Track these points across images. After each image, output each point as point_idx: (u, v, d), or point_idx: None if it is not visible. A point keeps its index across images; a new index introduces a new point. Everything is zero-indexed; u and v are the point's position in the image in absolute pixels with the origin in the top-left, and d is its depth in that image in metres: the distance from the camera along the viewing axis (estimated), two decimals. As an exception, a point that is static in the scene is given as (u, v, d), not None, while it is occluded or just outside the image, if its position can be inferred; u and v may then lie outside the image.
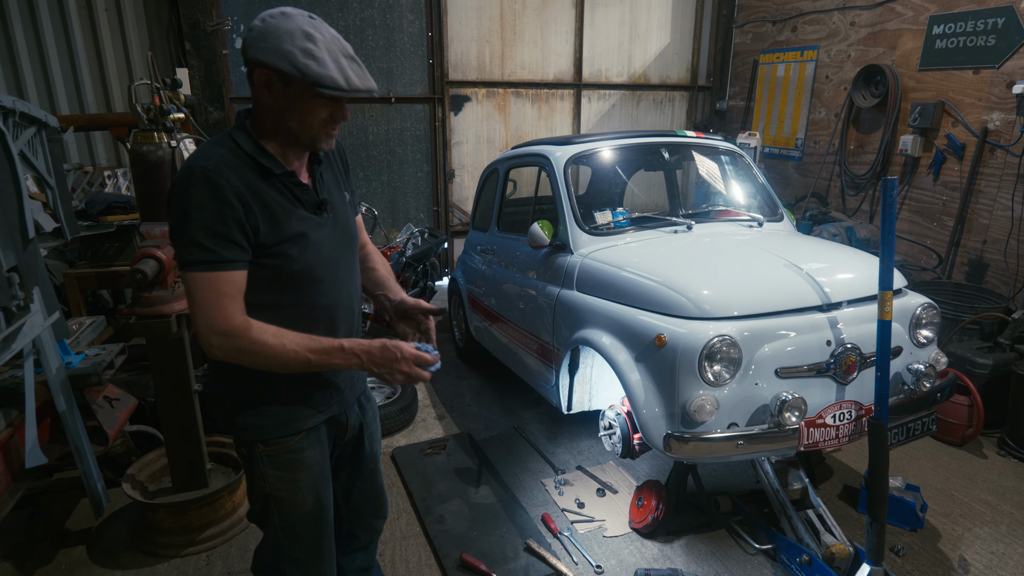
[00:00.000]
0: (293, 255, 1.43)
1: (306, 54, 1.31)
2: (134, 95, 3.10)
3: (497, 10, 6.11)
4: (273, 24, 1.33)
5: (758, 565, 2.57)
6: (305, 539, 1.63)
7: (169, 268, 2.44)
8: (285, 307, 1.47)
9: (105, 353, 2.68)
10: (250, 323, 1.36)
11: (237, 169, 1.36)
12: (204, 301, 1.32)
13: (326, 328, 1.53)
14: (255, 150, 1.40)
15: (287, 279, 1.46)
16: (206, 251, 1.31)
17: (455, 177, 6.44)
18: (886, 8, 5.02)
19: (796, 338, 2.37)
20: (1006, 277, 4.26)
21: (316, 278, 1.50)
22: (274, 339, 1.36)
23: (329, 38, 1.36)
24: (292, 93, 1.36)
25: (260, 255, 1.40)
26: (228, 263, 1.34)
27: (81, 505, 2.95)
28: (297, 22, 1.33)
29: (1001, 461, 3.38)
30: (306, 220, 1.46)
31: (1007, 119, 4.21)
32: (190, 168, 1.33)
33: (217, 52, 5.13)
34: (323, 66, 1.32)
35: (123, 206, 3.76)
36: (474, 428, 3.74)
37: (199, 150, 1.38)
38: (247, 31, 1.37)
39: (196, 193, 1.31)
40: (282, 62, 1.31)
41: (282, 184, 1.43)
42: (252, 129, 1.43)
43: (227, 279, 1.34)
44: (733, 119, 6.91)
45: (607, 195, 4.21)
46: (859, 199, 5.42)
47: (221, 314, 1.33)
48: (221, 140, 1.41)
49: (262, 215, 1.38)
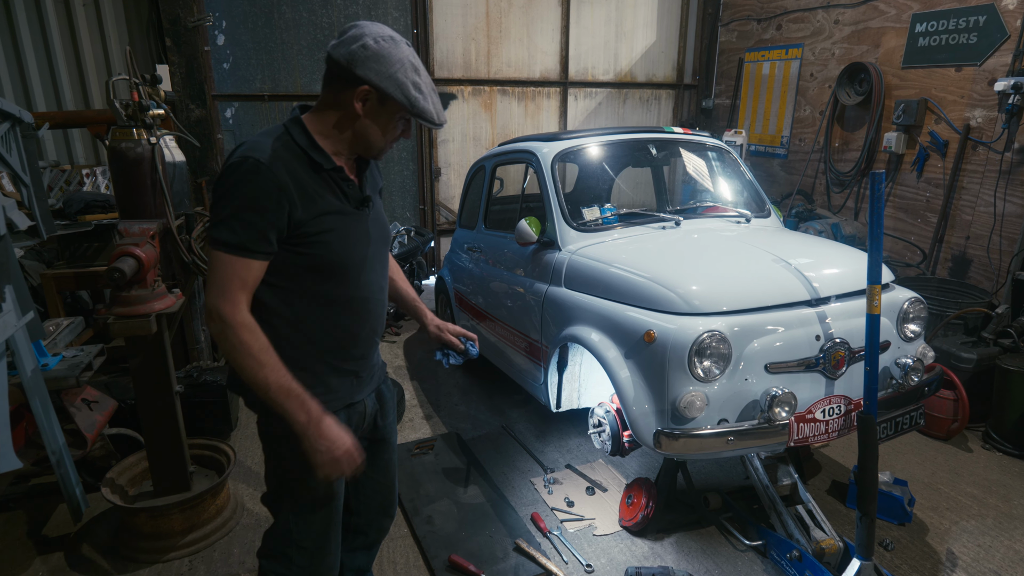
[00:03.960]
0: (332, 244, 1.53)
1: (415, 87, 1.48)
2: (112, 91, 3.04)
3: (483, 7, 6.08)
4: (386, 50, 1.46)
5: (748, 561, 2.56)
6: (315, 526, 1.67)
7: (149, 266, 2.38)
8: (324, 295, 1.57)
9: (83, 355, 2.62)
10: (249, 324, 1.44)
11: (288, 162, 1.46)
12: (218, 280, 1.43)
13: (358, 318, 1.64)
14: (308, 145, 1.51)
15: (328, 267, 1.55)
16: (237, 236, 1.42)
17: (441, 175, 6.40)
18: (869, 6, 5.06)
19: (785, 333, 2.37)
20: (989, 272, 4.31)
21: (354, 269, 1.60)
22: (257, 351, 1.43)
23: (424, 72, 1.53)
24: (384, 111, 1.51)
25: (300, 243, 1.49)
26: (251, 252, 1.44)
27: (59, 511, 2.88)
28: (404, 52, 1.49)
29: (986, 455, 3.41)
30: (348, 214, 1.57)
31: (989, 116, 4.25)
32: (244, 157, 1.43)
33: (199, 48, 5.05)
34: (425, 100, 1.50)
35: (102, 205, 3.69)
36: (462, 427, 3.71)
37: (255, 140, 1.47)
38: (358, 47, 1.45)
39: (244, 182, 1.42)
40: (394, 89, 1.46)
41: (330, 178, 1.54)
42: (309, 126, 1.54)
43: (247, 266, 1.44)
44: (719, 117, 6.94)
45: (595, 191, 4.19)
46: (844, 196, 5.45)
47: (229, 298, 1.42)
48: (275, 132, 1.51)
49: (304, 206, 1.48)
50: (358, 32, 1.47)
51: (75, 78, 4.97)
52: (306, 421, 1.44)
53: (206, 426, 3.36)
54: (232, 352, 1.43)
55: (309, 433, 1.45)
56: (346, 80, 1.48)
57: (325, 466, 1.47)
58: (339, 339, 1.62)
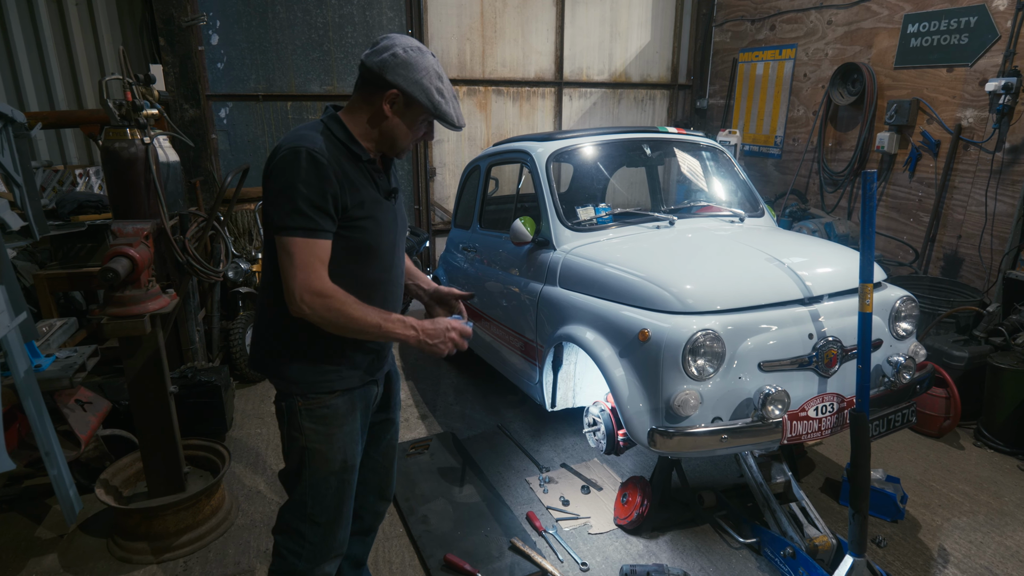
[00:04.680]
0: (369, 229, 1.68)
1: (439, 93, 1.65)
2: (106, 91, 3.02)
3: (478, 7, 6.07)
4: (414, 59, 1.62)
5: (743, 559, 2.57)
6: (328, 500, 1.77)
7: (143, 267, 2.38)
8: (358, 276, 1.70)
9: (76, 355, 2.61)
10: (339, 291, 1.59)
11: (334, 153, 1.61)
12: (303, 263, 1.55)
13: (383, 299, 1.78)
14: (347, 139, 1.66)
15: (365, 250, 1.70)
16: (308, 219, 1.54)
17: (436, 175, 6.39)
18: (862, 7, 5.08)
19: (778, 332, 2.38)
20: (980, 271, 4.34)
21: (383, 253, 1.75)
22: (356, 304, 1.60)
23: (447, 79, 1.70)
24: (409, 113, 1.68)
25: (344, 227, 1.63)
26: (323, 232, 1.58)
27: (52, 512, 2.87)
28: (430, 61, 1.65)
29: (977, 452, 3.44)
30: (380, 202, 1.72)
31: (980, 116, 4.28)
32: (297, 149, 1.55)
33: (192, 48, 5.03)
34: (447, 104, 1.67)
35: (95, 205, 3.67)
36: (457, 427, 3.71)
37: (301, 134, 1.60)
38: (388, 55, 1.62)
39: (304, 169, 1.54)
40: (420, 94, 1.63)
41: (367, 169, 1.69)
42: (345, 123, 1.68)
43: (322, 246, 1.58)
44: (713, 117, 6.96)
45: (589, 191, 4.20)
46: (837, 196, 5.48)
47: (317, 275, 1.56)
48: (316, 127, 1.65)
49: (349, 192, 1.62)
50: (389, 43, 1.64)
51: (68, 77, 4.94)
52: (415, 334, 1.66)
53: (201, 427, 3.35)
54: (339, 317, 1.57)
55: (422, 340, 1.67)
56: (377, 85, 1.64)
57: (446, 351, 1.71)
58: None
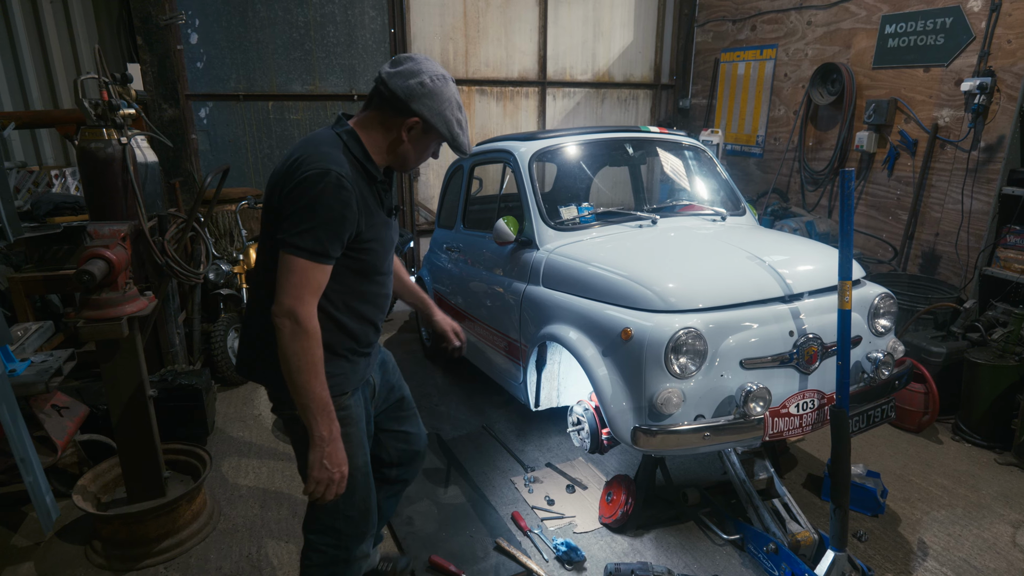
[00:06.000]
0: (375, 251, 1.72)
1: (459, 124, 1.69)
2: (81, 90, 2.97)
3: (460, 7, 6.06)
4: (440, 88, 1.64)
5: (726, 555, 2.59)
6: (358, 495, 1.82)
7: (119, 269, 2.34)
8: (359, 291, 1.74)
9: (52, 360, 2.56)
10: (318, 335, 1.57)
11: (355, 176, 1.61)
12: (300, 285, 1.54)
13: (379, 309, 1.83)
14: (365, 158, 1.66)
15: (369, 269, 1.73)
16: (319, 243, 1.54)
17: (420, 176, 6.37)
18: (841, 8, 5.14)
19: (760, 329, 2.40)
20: (957, 268, 4.41)
21: (384, 270, 1.80)
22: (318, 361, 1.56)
23: (463, 109, 1.72)
24: (425, 139, 1.71)
25: (353, 249, 1.65)
26: (329, 259, 1.58)
27: (28, 520, 2.82)
28: (452, 90, 1.67)
29: (956, 446, 3.49)
30: (384, 221, 1.75)
31: (956, 115, 4.35)
32: (327, 170, 1.54)
33: (171, 47, 4.96)
34: (463, 135, 1.71)
35: (72, 207, 3.61)
36: (442, 428, 3.70)
37: (327, 153, 1.57)
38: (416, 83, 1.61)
39: (331, 195, 1.54)
40: (442, 126, 1.65)
41: (378, 189, 1.71)
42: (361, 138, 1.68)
43: (323, 271, 1.58)
44: (696, 117, 7.00)
45: (572, 190, 4.21)
46: (818, 194, 5.54)
47: (305, 305, 1.54)
48: (336, 144, 1.63)
49: (365, 217, 1.64)
50: (416, 67, 1.63)
51: (43, 76, 4.85)
52: (327, 436, 1.58)
53: (182, 431, 3.31)
54: (295, 355, 1.53)
55: (325, 448, 1.58)
56: (398, 109, 1.64)
57: (320, 482, 1.60)
58: (364, 327, 1.79)
